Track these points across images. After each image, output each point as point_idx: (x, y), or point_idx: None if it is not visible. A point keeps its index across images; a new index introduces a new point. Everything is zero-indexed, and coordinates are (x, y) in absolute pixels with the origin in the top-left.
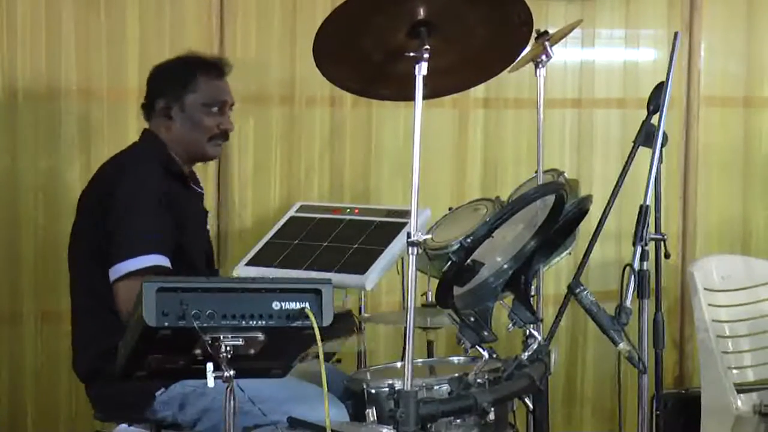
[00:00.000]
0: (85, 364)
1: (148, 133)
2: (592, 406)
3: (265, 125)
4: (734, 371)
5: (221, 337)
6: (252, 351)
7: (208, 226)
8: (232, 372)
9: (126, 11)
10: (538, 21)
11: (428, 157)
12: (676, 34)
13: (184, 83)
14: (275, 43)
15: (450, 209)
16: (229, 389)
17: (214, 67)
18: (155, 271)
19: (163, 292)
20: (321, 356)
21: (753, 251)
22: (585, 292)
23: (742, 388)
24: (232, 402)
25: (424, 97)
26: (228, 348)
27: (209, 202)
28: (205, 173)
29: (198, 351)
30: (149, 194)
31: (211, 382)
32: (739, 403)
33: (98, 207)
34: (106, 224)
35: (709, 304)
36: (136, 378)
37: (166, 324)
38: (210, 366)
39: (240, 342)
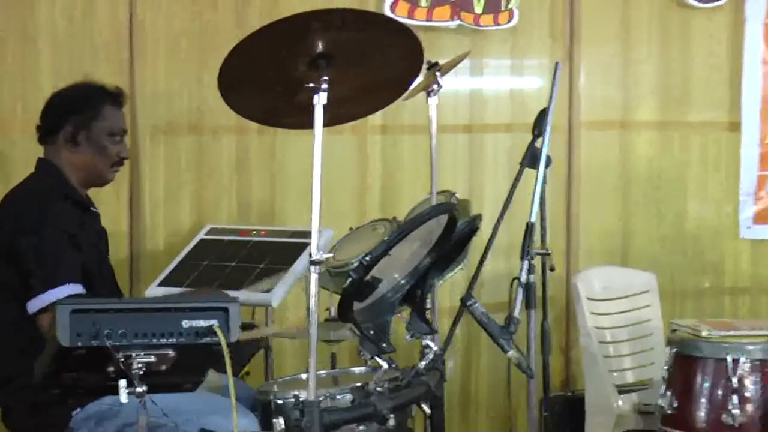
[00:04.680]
0: None
1: (45, 164)
2: (486, 409)
3: (175, 152)
4: (615, 374)
5: (133, 355)
6: (164, 367)
7: (109, 250)
8: (144, 387)
9: (38, 46)
10: (430, 52)
11: (330, 181)
12: (556, 64)
13: (92, 111)
14: (183, 75)
15: (351, 229)
16: (142, 404)
17: (117, 97)
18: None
19: (76, 313)
20: (229, 370)
21: (631, 263)
22: (476, 305)
23: (622, 389)
24: (145, 416)
25: (325, 125)
26: (140, 365)
27: (122, 225)
28: (117, 197)
29: (112, 368)
30: (56, 230)
31: (124, 397)
32: (620, 402)
33: (6, 247)
34: (21, 264)
35: (592, 313)
36: (52, 396)
37: (80, 344)
38: (123, 382)
39: (152, 359)
